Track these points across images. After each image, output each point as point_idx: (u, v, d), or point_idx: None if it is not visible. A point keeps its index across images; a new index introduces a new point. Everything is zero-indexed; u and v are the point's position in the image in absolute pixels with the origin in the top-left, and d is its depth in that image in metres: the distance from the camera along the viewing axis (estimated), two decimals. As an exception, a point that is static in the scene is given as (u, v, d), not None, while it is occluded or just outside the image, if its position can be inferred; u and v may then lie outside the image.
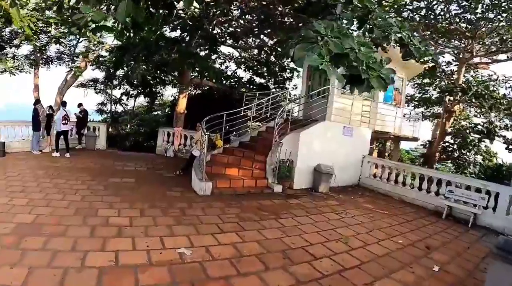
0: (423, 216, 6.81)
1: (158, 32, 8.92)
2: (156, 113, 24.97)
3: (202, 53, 11.47)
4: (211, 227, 4.62)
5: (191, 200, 5.89)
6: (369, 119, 9.93)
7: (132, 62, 10.77)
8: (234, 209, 5.59)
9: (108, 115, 22.32)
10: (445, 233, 5.81)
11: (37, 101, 10.35)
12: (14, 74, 14.85)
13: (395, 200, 8.22)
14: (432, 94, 16.94)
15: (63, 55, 15.73)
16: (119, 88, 20.26)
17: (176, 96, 13.30)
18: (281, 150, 7.08)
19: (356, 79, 3.49)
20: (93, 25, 3.53)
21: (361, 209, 6.78)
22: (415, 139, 12.27)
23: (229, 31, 12.41)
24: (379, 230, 5.40)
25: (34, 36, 13.42)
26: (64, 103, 10.32)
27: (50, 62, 15.80)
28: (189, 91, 13.74)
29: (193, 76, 12.88)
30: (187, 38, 10.58)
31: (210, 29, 11.27)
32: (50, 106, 10.47)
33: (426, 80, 15.76)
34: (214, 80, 15.25)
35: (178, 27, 10.57)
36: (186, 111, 12.29)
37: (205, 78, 12.62)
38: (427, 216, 6.86)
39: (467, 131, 14.06)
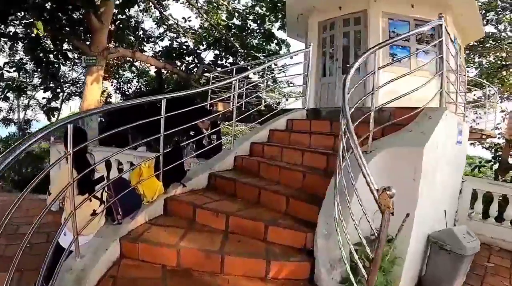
0: None
1: None
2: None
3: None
4: None
5: None
6: (464, 108, 5.03)
7: None
8: None
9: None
10: None
11: None
12: None
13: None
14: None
15: None
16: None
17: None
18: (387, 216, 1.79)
19: None
20: None
21: None
22: (492, 136, 7.66)
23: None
24: None
25: None
26: None
27: None
28: (115, 77, 7.95)
29: (113, 44, 7.06)
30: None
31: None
32: None
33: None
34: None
35: None
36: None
37: (136, 48, 6.84)
38: None
39: None
